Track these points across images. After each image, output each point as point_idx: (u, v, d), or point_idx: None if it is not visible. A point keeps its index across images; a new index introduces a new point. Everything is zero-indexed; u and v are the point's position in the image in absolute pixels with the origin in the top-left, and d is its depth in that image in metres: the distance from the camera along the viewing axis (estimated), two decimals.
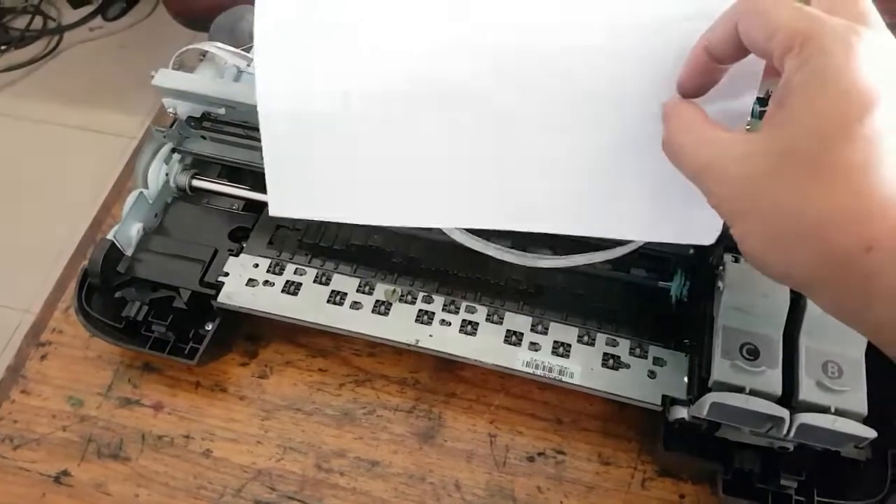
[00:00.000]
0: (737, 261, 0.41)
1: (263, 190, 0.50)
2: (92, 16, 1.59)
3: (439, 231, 0.45)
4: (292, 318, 0.45)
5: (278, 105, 0.38)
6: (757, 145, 0.27)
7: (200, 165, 0.53)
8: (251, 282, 0.47)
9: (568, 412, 0.48)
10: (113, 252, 0.47)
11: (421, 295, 0.47)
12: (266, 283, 0.47)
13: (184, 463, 0.46)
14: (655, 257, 0.47)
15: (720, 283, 0.41)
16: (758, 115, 0.50)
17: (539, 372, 0.44)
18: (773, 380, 0.38)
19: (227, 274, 0.47)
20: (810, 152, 0.25)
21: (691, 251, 0.46)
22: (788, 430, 0.37)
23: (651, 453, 0.46)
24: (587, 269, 0.48)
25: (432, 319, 0.46)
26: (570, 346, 0.45)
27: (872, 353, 0.42)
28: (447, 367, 0.49)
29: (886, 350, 0.26)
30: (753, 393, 0.38)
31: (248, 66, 0.49)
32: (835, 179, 0.25)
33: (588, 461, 0.46)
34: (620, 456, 0.46)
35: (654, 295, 0.47)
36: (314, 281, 0.47)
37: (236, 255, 0.48)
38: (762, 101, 0.50)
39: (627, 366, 0.44)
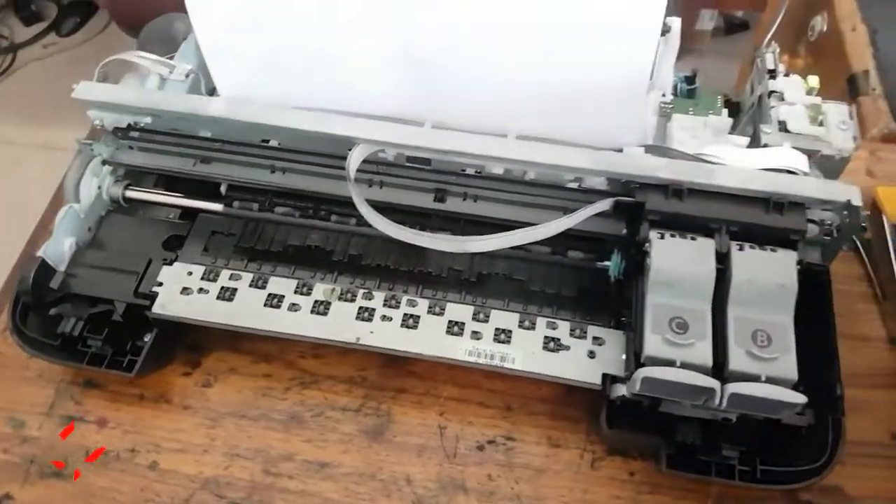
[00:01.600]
0: (662, 237, 0.41)
1: (197, 196, 0.51)
2: (45, 32, 1.57)
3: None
4: (228, 325, 0.45)
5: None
6: None
7: (137, 176, 0.52)
8: (185, 290, 0.46)
9: (517, 398, 0.48)
10: (44, 269, 0.46)
11: (361, 292, 0.47)
12: (201, 290, 0.46)
13: (130, 477, 0.46)
14: (591, 239, 0.47)
15: (648, 260, 0.41)
16: (685, 94, 0.50)
17: (481, 360, 0.44)
18: (703, 351, 0.38)
19: (160, 284, 0.47)
20: None
21: (624, 231, 0.46)
22: (720, 401, 0.38)
23: (599, 433, 0.46)
24: (527, 255, 0.48)
25: (373, 316, 0.46)
26: (511, 332, 0.45)
27: (810, 323, 0.43)
28: (394, 363, 0.49)
29: None
30: (684, 365, 0.38)
31: (171, 73, 0.48)
32: None
33: (537, 445, 0.46)
34: (569, 438, 0.46)
35: (594, 276, 0.47)
36: (250, 285, 0.47)
37: (170, 264, 0.48)
38: (689, 80, 0.51)
39: (567, 347, 0.45)
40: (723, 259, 0.41)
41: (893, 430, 0.47)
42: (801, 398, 0.37)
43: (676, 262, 0.40)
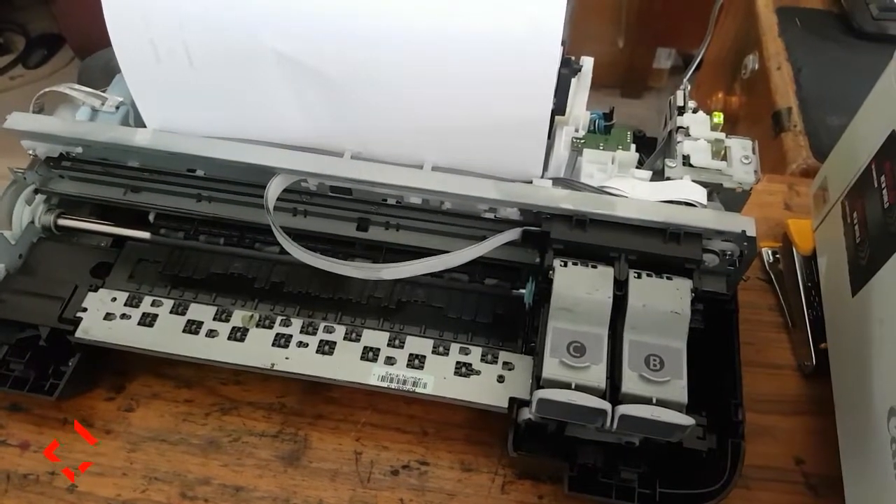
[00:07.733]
0: (565, 265, 0.43)
1: (128, 225, 0.52)
2: (13, 64, 1.59)
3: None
4: (145, 350, 0.46)
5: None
6: None
7: (70, 204, 0.54)
8: (108, 316, 0.47)
9: (433, 423, 0.49)
10: None
11: (279, 319, 0.48)
12: (123, 316, 0.47)
13: (48, 500, 0.46)
14: (508, 267, 0.49)
15: (551, 287, 0.43)
16: (602, 130, 0.53)
17: (393, 385, 0.45)
18: (597, 374, 0.40)
19: (85, 309, 0.48)
20: None
21: (537, 259, 0.48)
22: (612, 423, 0.39)
23: (510, 457, 0.47)
24: (446, 283, 0.50)
25: (289, 342, 0.47)
26: (424, 357, 0.46)
27: (715, 350, 0.45)
28: (314, 389, 0.50)
29: None
30: (579, 388, 0.39)
31: (102, 105, 0.50)
32: None
33: (450, 469, 0.47)
34: (482, 462, 0.47)
35: (510, 303, 0.49)
36: (171, 311, 0.48)
37: (95, 290, 0.49)
38: (607, 116, 0.53)
39: (478, 372, 0.46)
40: (622, 286, 0.42)
41: (797, 455, 0.48)
42: (688, 420, 0.38)
43: (576, 288, 0.42)
